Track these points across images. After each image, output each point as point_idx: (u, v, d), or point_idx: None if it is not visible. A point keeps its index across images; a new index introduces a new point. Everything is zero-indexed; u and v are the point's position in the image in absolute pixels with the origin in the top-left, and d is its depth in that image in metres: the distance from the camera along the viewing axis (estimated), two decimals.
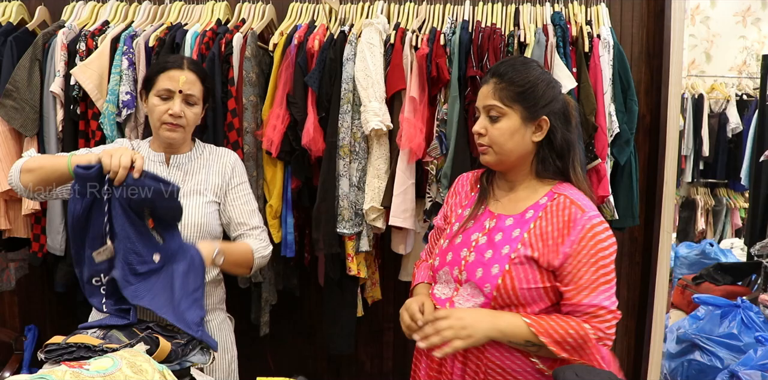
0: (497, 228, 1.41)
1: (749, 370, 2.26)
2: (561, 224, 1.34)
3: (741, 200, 4.75)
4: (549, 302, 1.36)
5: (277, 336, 2.62)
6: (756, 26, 4.89)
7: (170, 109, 1.66)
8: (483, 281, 1.36)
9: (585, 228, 1.32)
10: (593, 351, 1.32)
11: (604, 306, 1.31)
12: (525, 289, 1.34)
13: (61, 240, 2.25)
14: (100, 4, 2.38)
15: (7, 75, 2.21)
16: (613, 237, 1.35)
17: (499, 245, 1.38)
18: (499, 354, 1.36)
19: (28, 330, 2.74)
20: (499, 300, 1.35)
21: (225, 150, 1.83)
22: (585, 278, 1.31)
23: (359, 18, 2.28)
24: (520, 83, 1.36)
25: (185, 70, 1.68)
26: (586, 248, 1.31)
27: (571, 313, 1.33)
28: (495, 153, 1.40)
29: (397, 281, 2.44)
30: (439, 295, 1.46)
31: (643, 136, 2.47)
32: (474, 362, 1.39)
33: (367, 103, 2.07)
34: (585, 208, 1.34)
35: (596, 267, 1.31)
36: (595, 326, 1.31)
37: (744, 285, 3.33)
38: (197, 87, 1.70)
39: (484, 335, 1.30)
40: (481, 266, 1.38)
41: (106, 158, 1.41)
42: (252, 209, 1.78)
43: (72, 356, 1.26)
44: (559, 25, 2.16)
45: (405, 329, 1.42)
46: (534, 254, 1.34)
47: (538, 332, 1.29)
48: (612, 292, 1.34)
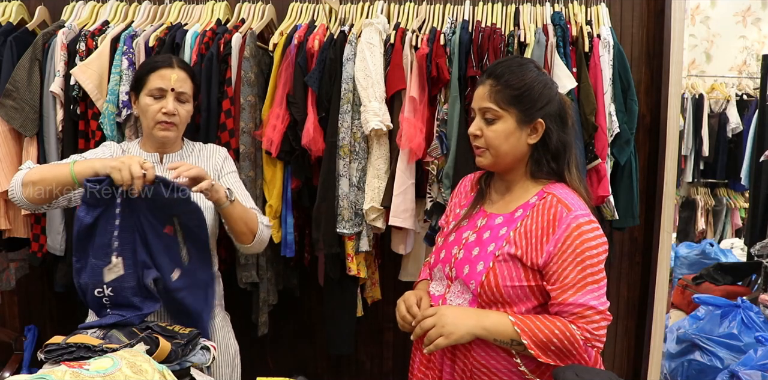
0: (487, 226, 1.43)
1: (749, 370, 2.26)
2: (546, 223, 1.34)
3: (741, 200, 4.75)
4: (536, 301, 1.36)
5: (277, 336, 2.62)
6: (756, 26, 4.89)
7: (164, 107, 1.66)
8: (469, 277, 1.38)
9: (570, 227, 1.31)
10: (579, 353, 1.32)
11: (592, 305, 1.30)
12: (509, 287, 1.34)
13: (61, 240, 2.25)
14: (100, 4, 2.38)
15: (7, 75, 2.21)
16: (602, 237, 1.34)
17: (486, 243, 1.39)
18: (485, 353, 1.37)
19: (28, 330, 2.74)
20: (484, 297, 1.36)
21: (214, 146, 1.88)
22: (570, 277, 1.31)
23: (359, 18, 2.28)
24: (516, 86, 1.36)
25: (176, 69, 1.69)
26: (571, 248, 1.31)
27: (559, 313, 1.33)
28: (491, 155, 1.40)
29: (397, 282, 2.44)
30: (433, 292, 1.48)
31: (643, 136, 2.47)
32: (461, 359, 1.40)
33: (367, 103, 2.07)
34: (572, 207, 1.34)
35: (582, 266, 1.30)
36: (582, 326, 1.30)
37: (744, 285, 3.32)
38: (188, 85, 1.71)
39: (467, 332, 1.31)
40: (468, 263, 1.40)
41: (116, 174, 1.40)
42: (246, 194, 1.80)
43: (72, 356, 1.26)
44: (559, 25, 2.16)
45: (399, 319, 1.46)
46: (517, 252, 1.34)
47: (522, 331, 1.29)
48: (601, 293, 1.32)
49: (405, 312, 1.44)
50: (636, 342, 2.62)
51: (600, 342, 1.33)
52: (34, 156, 2.24)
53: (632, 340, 2.62)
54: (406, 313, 1.43)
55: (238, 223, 1.66)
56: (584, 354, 1.34)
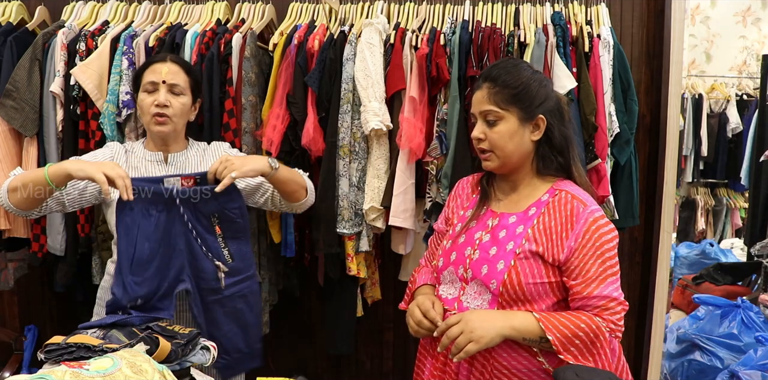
0: (501, 226, 1.43)
1: (749, 370, 2.26)
2: (564, 219, 1.36)
3: (741, 200, 4.74)
4: (555, 298, 1.37)
5: (277, 336, 2.62)
6: (756, 26, 4.88)
7: (156, 100, 1.67)
8: (489, 277, 1.37)
9: (588, 222, 1.35)
10: (603, 346, 1.33)
11: (614, 297, 1.35)
12: (531, 284, 1.35)
13: (62, 240, 2.25)
14: (100, 4, 2.38)
15: (7, 75, 2.21)
16: (615, 230, 1.38)
17: (504, 242, 1.39)
18: (507, 354, 1.36)
19: (28, 330, 2.74)
20: (505, 296, 1.36)
21: (217, 142, 1.90)
22: (592, 270, 1.33)
23: (359, 18, 2.28)
24: (513, 85, 1.38)
25: (167, 63, 1.72)
26: (590, 242, 1.34)
27: (582, 307, 1.35)
28: (497, 157, 1.41)
29: (397, 282, 2.44)
30: (445, 296, 1.46)
31: (643, 136, 2.47)
32: (480, 362, 1.39)
33: (367, 103, 2.07)
34: (586, 202, 1.37)
35: (602, 259, 1.34)
36: (607, 318, 1.34)
37: (744, 285, 3.32)
38: (181, 77, 1.72)
39: (497, 334, 1.30)
40: (486, 263, 1.39)
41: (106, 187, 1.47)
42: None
43: (72, 356, 1.26)
44: (559, 25, 2.16)
45: (414, 324, 1.42)
46: (539, 249, 1.36)
47: (547, 328, 1.29)
48: (618, 284, 1.37)
49: (421, 316, 1.40)
50: (636, 342, 2.61)
51: (621, 332, 1.37)
52: (34, 156, 2.24)
53: (632, 340, 2.62)
54: (423, 318, 1.40)
55: (290, 184, 1.72)
56: (607, 348, 1.35)
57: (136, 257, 1.54)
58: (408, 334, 1.47)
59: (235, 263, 1.64)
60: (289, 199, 1.78)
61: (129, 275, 1.53)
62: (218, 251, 1.62)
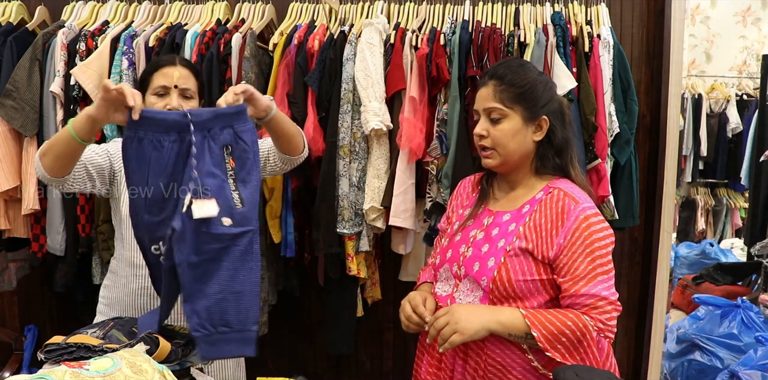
0: (495, 224, 1.43)
1: (749, 370, 2.26)
2: (554, 216, 1.36)
3: (741, 200, 4.74)
4: (548, 295, 1.37)
5: (277, 336, 2.62)
6: (756, 26, 4.88)
7: (168, 104, 1.66)
8: (480, 274, 1.38)
9: (578, 219, 1.34)
10: (590, 345, 1.33)
11: (603, 295, 1.32)
12: (521, 281, 1.35)
13: (61, 240, 2.25)
14: (100, 4, 2.38)
15: (7, 75, 2.21)
16: (609, 229, 1.37)
17: (496, 239, 1.40)
18: (499, 350, 1.37)
19: (28, 330, 2.74)
20: (496, 293, 1.36)
21: None
22: (581, 268, 1.32)
23: (359, 18, 2.28)
24: (519, 84, 1.39)
25: (178, 66, 1.69)
26: (580, 239, 1.33)
27: (571, 305, 1.34)
28: (498, 155, 1.41)
29: (397, 282, 2.44)
30: (440, 292, 1.48)
31: (643, 136, 2.47)
32: (474, 358, 1.40)
33: (367, 103, 2.07)
34: (578, 199, 1.37)
35: (592, 257, 1.32)
36: (595, 317, 1.32)
37: (744, 285, 3.32)
38: (192, 81, 1.71)
39: (481, 327, 1.30)
40: (477, 260, 1.40)
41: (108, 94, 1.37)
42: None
43: (72, 356, 1.26)
44: (559, 25, 2.16)
45: (404, 319, 1.44)
46: (528, 245, 1.36)
47: (532, 324, 1.29)
48: (611, 283, 1.34)
49: (410, 311, 1.42)
50: (636, 342, 2.61)
51: (612, 333, 1.34)
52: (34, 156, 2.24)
53: (632, 340, 2.62)
54: (412, 313, 1.42)
55: (289, 126, 1.63)
56: (594, 347, 1.34)
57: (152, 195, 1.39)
58: (408, 334, 1.48)
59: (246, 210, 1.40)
60: (289, 147, 1.67)
61: (145, 214, 1.40)
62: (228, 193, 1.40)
